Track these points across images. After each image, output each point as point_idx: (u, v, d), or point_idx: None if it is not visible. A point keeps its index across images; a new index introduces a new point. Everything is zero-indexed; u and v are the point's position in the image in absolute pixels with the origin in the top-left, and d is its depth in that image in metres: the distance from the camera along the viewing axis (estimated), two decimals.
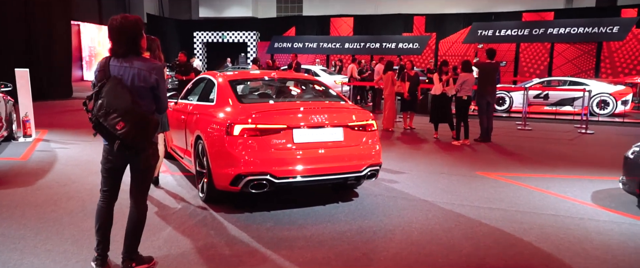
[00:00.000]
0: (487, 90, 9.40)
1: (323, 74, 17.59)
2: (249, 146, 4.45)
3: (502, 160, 7.77)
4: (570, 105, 14.82)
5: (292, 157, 4.49)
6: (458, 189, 5.80)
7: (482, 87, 9.42)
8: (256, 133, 4.46)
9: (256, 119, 4.49)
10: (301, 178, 4.52)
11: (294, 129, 4.55)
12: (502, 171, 6.87)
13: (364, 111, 5.06)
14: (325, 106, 5.08)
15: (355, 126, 4.84)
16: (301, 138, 4.56)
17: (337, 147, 4.71)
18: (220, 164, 4.62)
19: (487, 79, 9.45)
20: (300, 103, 5.19)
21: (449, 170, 6.92)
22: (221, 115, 4.82)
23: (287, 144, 4.52)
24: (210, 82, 5.66)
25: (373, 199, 5.27)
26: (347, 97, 6.81)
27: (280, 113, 4.61)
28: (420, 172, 6.72)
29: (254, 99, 5.31)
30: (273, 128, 4.50)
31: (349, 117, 4.86)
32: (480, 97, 9.44)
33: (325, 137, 4.67)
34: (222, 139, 4.57)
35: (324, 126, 4.66)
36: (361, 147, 4.84)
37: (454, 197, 5.42)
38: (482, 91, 9.41)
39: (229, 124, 4.52)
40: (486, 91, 9.40)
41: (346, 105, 5.21)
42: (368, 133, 4.93)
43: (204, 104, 5.51)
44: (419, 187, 5.86)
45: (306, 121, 4.59)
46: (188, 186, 5.70)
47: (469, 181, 6.19)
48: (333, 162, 4.63)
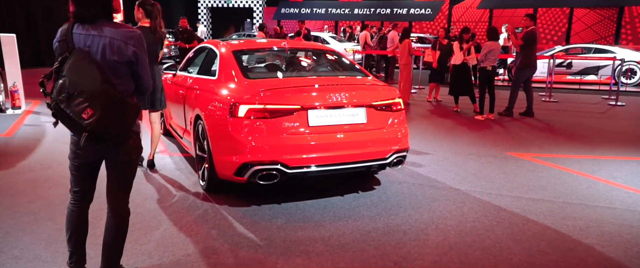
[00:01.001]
0: (533, 60, 8.58)
1: (333, 42, 16.73)
2: (256, 130, 3.78)
3: (533, 137, 7.08)
4: (594, 74, 13.98)
5: (306, 143, 3.83)
6: (491, 174, 5.14)
7: (529, 58, 8.54)
8: (265, 114, 3.79)
9: (265, 98, 3.80)
10: (317, 168, 3.87)
11: (309, 110, 3.86)
12: (536, 151, 6.19)
13: (389, 87, 4.35)
14: (345, 82, 4.38)
15: (380, 105, 4.15)
16: (317, 121, 3.88)
17: (358, 131, 4.03)
18: (222, 150, 3.97)
19: (533, 48, 8.60)
20: (315, 78, 4.47)
21: (477, 149, 6.25)
22: (224, 92, 4.13)
23: (300, 128, 3.85)
24: (211, 53, 4.95)
25: (397, 187, 4.62)
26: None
27: (293, 90, 3.91)
28: (445, 152, 6.05)
29: (262, 74, 4.60)
30: (285, 108, 3.81)
31: (372, 95, 4.16)
32: (525, 68, 8.57)
33: (345, 119, 3.98)
34: (224, 121, 3.90)
35: (343, 106, 3.97)
36: (386, 130, 4.16)
37: (489, 184, 4.77)
38: (529, 61, 8.54)
39: (233, 104, 3.84)
40: (533, 62, 8.58)
41: (368, 80, 4.49)
42: (394, 113, 4.24)
43: (204, 78, 4.81)
44: (447, 171, 5.20)
45: (323, 101, 3.90)
46: (188, 170, 5.08)
47: (502, 164, 5.53)
48: (354, 148, 3.96)
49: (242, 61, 4.61)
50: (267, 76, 4.43)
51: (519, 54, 8.72)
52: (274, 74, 4.63)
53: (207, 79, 4.69)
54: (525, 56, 8.56)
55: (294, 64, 5.17)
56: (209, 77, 4.67)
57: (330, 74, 4.76)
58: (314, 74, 4.68)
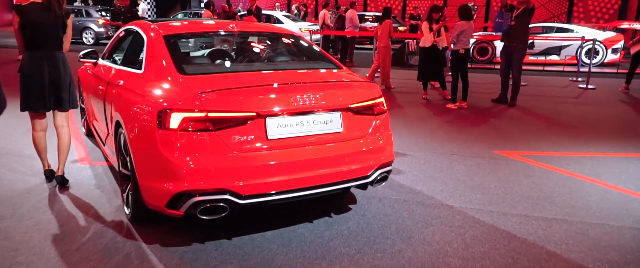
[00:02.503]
0: (524, 41, 7.76)
1: (287, 21, 15.56)
2: (195, 147, 2.75)
3: (516, 130, 6.37)
4: (556, 54, 13.62)
5: (264, 162, 2.83)
6: (484, 182, 4.34)
7: (521, 37, 7.71)
8: (207, 125, 2.75)
9: (207, 102, 2.76)
10: (279, 196, 2.89)
11: (268, 118, 2.86)
12: (525, 148, 5.46)
13: (369, 84, 3.39)
14: (314, 78, 3.38)
15: (359, 108, 3.19)
16: (279, 132, 2.89)
17: (333, 142, 3.07)
18: (149, 173, 2.91)
19: (525, 27, 7.77)
20: (274, 72, 3.42)
21: (460, 147, 5.44)
22: (150, 93, 3.05)
23: (256, 143, 2.84)
24: (138, 37, 3.81)
25: (378, 207, 3.72)
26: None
27: (246, 92, 2.88)
28: (424, 152, 5.21)
29: (204, 67, 3.50)
30: (235, 116, 2.79)
31: (349, 94, 3.19)
32: (515, 50, 7.72)
33: (316, 128, 3.01)
34: (151, 133, 2.83)
35: (313, 111, 2.99)
36: (367, 139, 3.22)
37: (486, 198, 3.95)
38: (520, 41, 7.71)
39: (163, 111, 2.78)
40: (524, 42, 7.76)
41: (343, 74, 3.51)
42: (376, 117, 3.30)
43: (127, 70, 3.69)
44: (432, 180, 4.35)
45: (286, 104, 2.90)
46: (112, 188, 3.97)
47: (493, 168, 4.74)
48: (327, 166, 3.00)
49: (176, 50, 3.51)
50: (210, 71, 3.35)
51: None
52: (219, 68, 3.55)
53: (131, 72, 3.58)
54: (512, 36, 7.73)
55: (245, 53, 4.12)
56: (134, 70, 3.56)
57: (293, 66, 3.72)
58: (272, 68, 3.60)
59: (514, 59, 7.72)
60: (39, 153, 4.04)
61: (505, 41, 7.84)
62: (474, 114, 7.37)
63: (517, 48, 7.67)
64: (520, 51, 7.69)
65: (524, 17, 7.60)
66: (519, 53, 7.70)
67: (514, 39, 7.67)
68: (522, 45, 7.70)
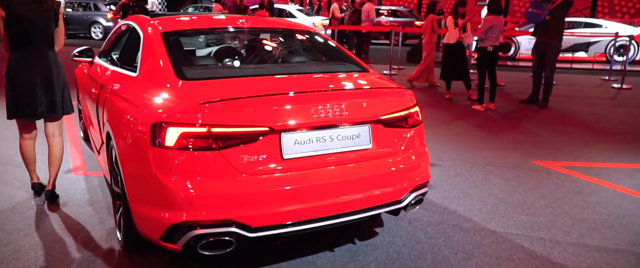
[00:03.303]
0: (559, 37, 7.15)
1: (300, 16, 15.04)
2: (195, 168, 2.27)
3: (552, 137, 5.81)
4: (584, 51, 12.94)
5: (279, 187, 2.34)
6: (527, 199, 3.81)
7: (556, 33, 7.11)
8: (210, 142, 2.26)
9: (210, 113, 2.27)
10: (296, 227, 2.40)
11: (283, 134, 2.37)
12: (566, 158, 4.92)
13: (402, 90, 2.87)
14: (337, 84, 2.87)
15: (392, 119, 2.68)
16: (296, 150, 2.39)
17: (360, 160, 2.57)
18: (142, 197, 2.44)
19: (561, 22, 7.17)
20: (290, 77, 2.91)
21: (493, 157, 4.91)
22: (144, 101, 2.58)
23: (269, 164, 2.35)
24: (134, 34, 3.33)
25: (408, 231, 3.22)
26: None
27: (257, 102, 2.38)
28: (454, 162, 4.69)
29: (208, 70, 2.98)
30: (243, 132, 2.30)
31: (380, 103, 2.68)
32: (548, 47, 7.11)
33: (340, 144, 2.51)
34: (143, 150, 2.36)
35: (337, 124, 2.49)
36: (400, 157, 2.71)
37: (533, 220, 3.43)
38: (555, 37, 7.11)
39: (157, 125, 2.30)
40: (559, 39, 7.15)
41: (371, 78, 3.00)
42: (411, 130, 2.79)
43: (122, 72, 3.22)
44: (467, 197, 3.83)
45: (304, 116, 2.41)
46: (107, 204, 3.51)
47: (534, 181, 4.21)
48: (353, 190, 2.50)
49: (176, 49, 3.04)
50: (215, 75, 2.84)
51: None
52: (226, 72, 3.05)
53: (125, 75, 3.11)
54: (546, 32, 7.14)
55: (256, 53, 3.62)
56: (128, 72, 3.08)
57: (312, 69, 3.19)
58: (287, 71, 3.08)
59: (547, 58, 7.13)
60: (27, 164, 3.60)
61: (538, 37, 7.25)
62: (503, 117, 6.82)
63: (551, 45, 7.08)
64: (554, 49, 7.10)
65: (560, 11, 7.01)
66: (553, 51, 7.11)
67: (549, 35, 7.08)
68: (557, 42, 7.11)
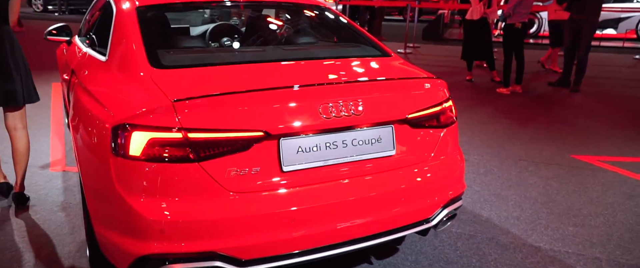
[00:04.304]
0: (596, 14, 6.47)
1: None
2: (169, 185, 1.74)
3: (589, 125, 5.20)
4: (613, 28, 12.15)
5: (277, 208, 1.81)
6: (572, 204, 3.26)
7: (593, 9, 6.43)
8: (187, 151, 1.73)
9: (188, 114, 1.72)
10: (298, 258, 1.87)
11: (283, 140, 1.82)
12: (609, 152, 4.34)
13: (433, 80, 2.27)
14: (353, 73, 2.30)
15: (421, 117, 2.12)
16: (299, 159, 1.85)
17: (381, 171, 2.03)
18: (105, 219, 1.93)
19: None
20: (294, 64, 2.32)
21: (525, 150, 4.34)
22: (107, 95, 2.04)
23: (264, 178, 1.82)
24: (109, 8, 2.76)
25: (434, 246, 2.70)
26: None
27: (249, 97, 1.82)
28: (483, 156, 4.13)
29: (191, 55, 2.37)
30: (230, 138, 1.76)
31: (407, 98, 2.12)
32: (584, 24, 6.43)
33: (356, 151, 1.96)
34: (104, 160, 1.83)
35: (352, 126, 1.94)
36: (431, 164, 2.16)
37: (583, 232, 2.88)
38: (592, 13, 6.43)
39: (120, 127, 1.76)
40: (596, 15, 6.47)
41: (395, 64, 2.44)
42: (443, 130, 2.23)
43: (92, 55, 2.67)
44: (501, 201, 3.29)
45: (311, 116, 1.85)
46: (79, 210, 3.02)
47: (577, 181, 3.65)
48: (373, 209, 1.96)
49: (156, 28, 2.48)
50: (198, 62, 2.25)
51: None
52: (213, 57, 2.44)
53: (95, 59, 2.56)
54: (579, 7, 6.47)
55: (253, 33, 3.05)
56: (98, 56, 2.54)
57: (321, 53, 2.58)
58: (290, 56, 2.47)
59: (582, 36, 6.46)
60: None
61: (573, 13, 6.56)
62: (531, 101, 6.21)
63: (587, 22, 6.40)
64: (590, 26, 6.43)
65: None
66: (588, 28, 6.44)
67: (584, 10, 6.39)
68: (594, 19, 6.43)
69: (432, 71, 2.50)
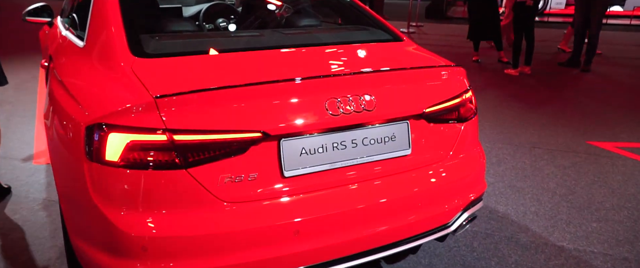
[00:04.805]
0: None
1: None
2: (151, 196, 1.50)
3: (603, 108, 4.97)
4: (620, 4, 11.82)
5: (278, 220, 1.58)
6: (592, 196, 3.04)
7: None
8: (172, 156, 1.48)
9: (173, 112, 1.47)
10: None
11: (284, 141, 1.58)
12: (628, 137, 4.11)
13: (449, 69, 2.00)
14: (362, 61, 2.04)
15: (440, 111, 1.87)
16: (303, 163, 1.61)
17: (395, 173, 1.79)
18: (82, 231, 1.70)
19: None
20: (295, 52, 2.03)
21: (539, 136, 4.11)
22: (81, 89, 1.79)
23: (263, 186, 1.58)
24: None
25: (449, 247, 2.48)
26: None
27: (244, 92, 1.56)
28: (494, 144, 3.90)
29: (179, 41, 2.10)
30: (223, 140, 1.51)
31: (424, 89, 1.86)
32: (596, 2, 6.09)
33: (368, 151, 1.72)
34: (78, 165, 1.58)
35: (363, 124, 1.69)
36: (450, 163, 1.92)
37: (607, 228, 2.67)
38: None
39: (95, 127, 1.51)
40: None
41: (409, 50, 2.18)
42: (463, 124, 1.98)
43: (71, 40, 2.40)
44: (517, 194, 3.07)
45: (316, 113, 1.60)
46: None
47: (596, 170, 3.43)
48: (386, 217, 1.73)
49: (140, 8, 2.21)
50: (188, 49, 1.96)
51: None
52: (203, 43, 2.13)
53: (73, 44, 2.30)
54: None
55: (249, 14, 2.77)
56: (77, 40, 2.27)
57: (326, 39, 2.29)
58: (291, 42, 2.18)
59: (595, 13, 6.16)
60: None
61: None
62: (541, 83, 5.95)
63: None
64: (603, 3, 6.13)
65: None
66: (600, 5, 6.14)
67: None
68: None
69: (437, 51, 2.24)
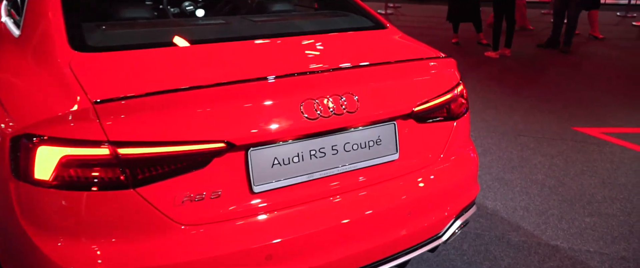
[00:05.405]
0: None
1: None
2: (93, 221, 1.25)
3: (586, 90, 4.86)
4: None
5: (247, 244, 1.35)
6: (584, 188, 2.91)
7: None
8: (116, 173, 1.23)
9: (117, 121, 1.21)
10: None
11: (252, 151, 1.34)
12: (614, 122, 4.00)
13: (439, 60, 1.78)
14: (343, 56, 1.75)
15: (429, 109, 1.66)
16: (275, 175, 1.38)
17: (381, 181, 1.58)
18: (12, 260, 1.44)
19: None
20: (266, 43, 1.76)
21: (524, 123, 3.97)
22: (9, 91, 1.51)
23: (228, 204, 1.34)
24: None
25: (438, 250, 2.31)
26: None
27: (204, 95, 1.31)
28: (479, 131, 3.74)
29: (129, 31, 1.79)
30: (179, 152, 1.27)
31: (411, 86, 1.64)
32: None
33: (350, 157, 1.49)
34: (3, 187, 1.31)
35: (345, 127, 1.47)
36: (441, 166, 1.72)
37: (601, 223, 2.54)
38: None
39: (20, 139, 1.24)
40: None
41: (395, 38, 1.95)
42: (454, 122, 1.77)
43: (8, 27, 2.08)
44: (505, 187, 2.91)
45: (290, 117, 1.37)
46: None
47: (584, 158, 3.30)
48: (371, 232, 1.53)
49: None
50: (139, 42, 1.65)
51: None
52: (159, 34, 1.79)
53: (9, 33, 1.99)
54: None
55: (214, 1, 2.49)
56: (13, 28, 1.96)
57: (301, 27, 2.01)
58: (261, 31, 1.92)
59: None
60: None
61: None
62: (522, 66, 5.82)
63: None
64: None
65: None
66: None
67: None
68: None
69: (416, 34, 2.02)
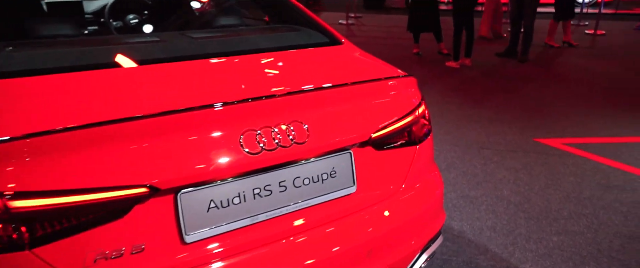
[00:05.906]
0: None
1: None
2: None
3: (545, 101, 4.86)
4: None
5: None
6: (550, 205, 2.82)
7: None
8: (8, 231, 1.01)
9: (13, 165, 0.99)
10: None
11: (183, 194, 1.14)
12: (572, 132, 3.98)
13: (399, 80, 1.63)
14: (292, 78, 1.56)
15: (388, 135, 1.50)
16: (210, 221, 1.18)
17: (337, 219, 1.40)
18: None
19: None
20: (201, 65, 1.54)
21: (486, 135, 3.90)
22: None
23: (154, 259, 1.14)
24: None
25: None
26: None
27: (122, 129, 1.11)
28: (441, 144, 3.63)
29: (39, 53, 1.49)
30: (89, 201, 1.05)
31: (369, 110, 1.47)
32: None
33: (301, 194, 1.31)
34: None
35: (294, 161, 1.29)
36: (404, 196, 1.56)
37: (568, 240, 2.44)
38: None
39: None
40: None
41: (351, 57, 1.79)
42: (417, 147, 1.62)
43: None
44: (471, 204, 2.80)
45: (230, 152, 1.18)
46: None
47: (547, 171, 3.23)
48: None
49: None
50: (47, 66, 1.37)
51: None
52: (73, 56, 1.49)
53: None
54: None
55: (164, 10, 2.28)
56: None
57: (246, 44, 1.79)
58: (199, 50, 1.65)
59: (527, 3, 6.08)
60: None
61: None
62: (482, 75, 5.81)
63: None
64: None
65: None
66: None
67: None
68: None
69: (377, 44, 1.87)
